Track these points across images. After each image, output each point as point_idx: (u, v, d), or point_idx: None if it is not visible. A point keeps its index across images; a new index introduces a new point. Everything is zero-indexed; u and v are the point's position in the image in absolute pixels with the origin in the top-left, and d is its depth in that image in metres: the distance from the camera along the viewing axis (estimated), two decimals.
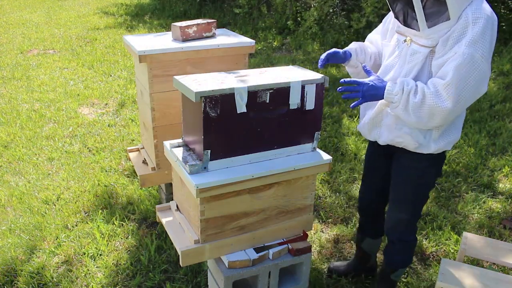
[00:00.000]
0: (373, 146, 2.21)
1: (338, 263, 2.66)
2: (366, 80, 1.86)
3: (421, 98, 1.77)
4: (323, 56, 2.04)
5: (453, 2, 1.68)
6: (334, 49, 2.08)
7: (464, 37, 1.69)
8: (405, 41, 1.90)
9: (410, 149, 1.97)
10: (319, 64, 2.01)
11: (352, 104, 1.86)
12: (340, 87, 1.87)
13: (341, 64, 2.23)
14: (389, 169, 2.17)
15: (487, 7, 1.72)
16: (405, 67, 1.89)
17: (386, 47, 2.05)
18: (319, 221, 3.12)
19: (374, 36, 2.21)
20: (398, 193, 2.13)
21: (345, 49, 2.14)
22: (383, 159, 2.18)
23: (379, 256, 2.65)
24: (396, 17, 1.91)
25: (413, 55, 1.86)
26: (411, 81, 1.82)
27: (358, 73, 2.19)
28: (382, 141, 2.04)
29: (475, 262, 2.71)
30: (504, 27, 6.77)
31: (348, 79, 1.86)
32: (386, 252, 2.32)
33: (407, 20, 1.84)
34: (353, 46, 2.16)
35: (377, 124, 2.03)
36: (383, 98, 1.85)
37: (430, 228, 3.02)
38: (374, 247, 2.52)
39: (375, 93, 1.84)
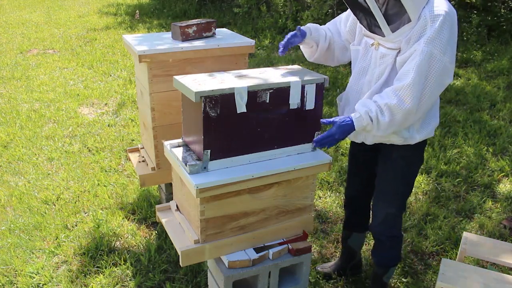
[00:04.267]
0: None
1: (325, 264, 2.68)
2: (333, 128, 1.91)
3: (389, 114, 1.83)
4: (283, 42, 2.08)
5: (411, 4, 1.73)
6: (291, 33, 2.12)
7: (424, 36, 1.75)
8: (372, 44, 1.97)
9: (397, 144, 2.02)
10: (280, 51, 2.07)
11: (327, 146, 1.97)
12: (316, 144, 1.98)
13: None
14: (374, 161, 2.20)
15: (443, 3, 1.77)
16: (376, 69, 1.96)
17: (355, 50, 2.10)
18: (319, 221, 3.12)
19: (341, 27, 2.20)
20: (386, 185, 2.16)
21: (300, 27, 2.16)
22: (368, 152, 2.20)
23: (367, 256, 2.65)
24: (361, 22, 1.96)
25: (382, 58, 1.93)
26: (371, 104, 1.86)
27: (312, 52, 2.24)
28: (369, 142, 2.09)
29: (475, 262, 2.71)
30: (504, 27, 6.76)
31: (320, 136, 1.94)
32: (375, 252, 2.32)
33: (371, 26, 1.89)
34: (307, 25, 2.18)
35: (360, 132, 2.06)
36: (355, 129, 1.91)
37: (430, 228, 3.02)
38: (360, 243, 2.55)
39: (347, 129, 1.90)
